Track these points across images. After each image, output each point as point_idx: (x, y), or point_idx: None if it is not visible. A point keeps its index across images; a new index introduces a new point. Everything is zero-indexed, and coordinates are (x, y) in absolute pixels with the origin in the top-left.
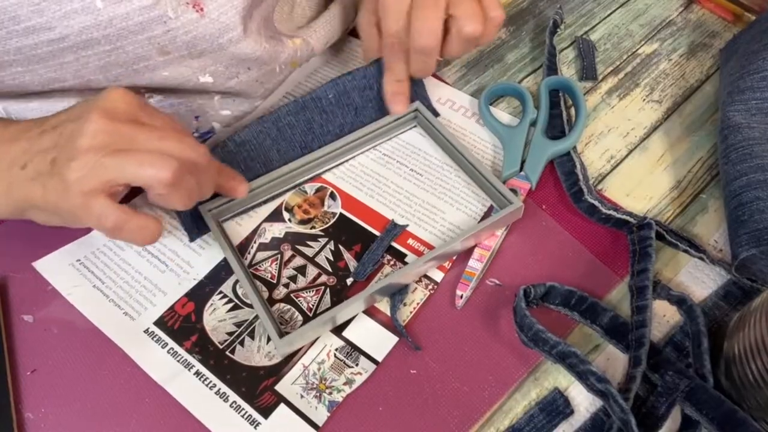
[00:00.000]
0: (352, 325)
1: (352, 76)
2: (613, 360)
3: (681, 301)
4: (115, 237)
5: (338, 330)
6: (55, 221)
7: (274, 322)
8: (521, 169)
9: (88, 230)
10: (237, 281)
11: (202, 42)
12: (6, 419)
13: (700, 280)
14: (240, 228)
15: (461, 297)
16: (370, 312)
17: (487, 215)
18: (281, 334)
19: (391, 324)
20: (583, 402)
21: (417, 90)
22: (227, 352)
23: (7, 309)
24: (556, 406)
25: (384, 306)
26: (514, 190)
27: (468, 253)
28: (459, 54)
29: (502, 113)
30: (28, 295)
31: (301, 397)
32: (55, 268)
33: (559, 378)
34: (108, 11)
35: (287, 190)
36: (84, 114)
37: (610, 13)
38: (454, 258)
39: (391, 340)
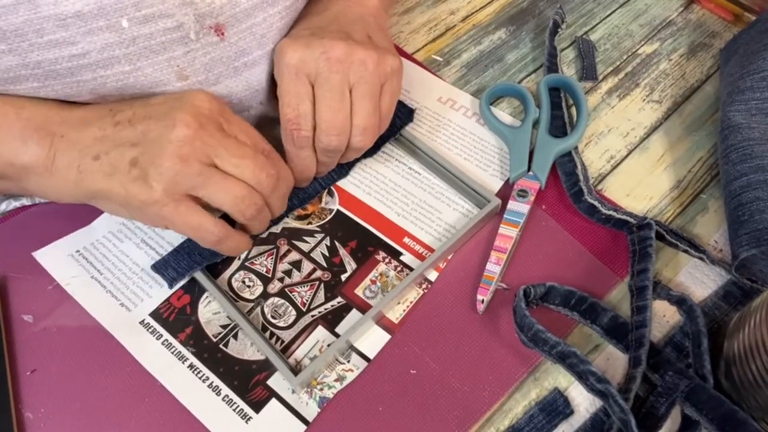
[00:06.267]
0: (345, 321)
1: None
2: (613, 360)
3: (681, 301)
4: (208, 246)
5: (331, 326)
6: (128, 216)
7: (285, 362)
8: (529, 168)
9: (88, 222)
10: (232, 275)
11: (219, 64)
12: (6, 419)
13: (700, 280)
14: None
15: (482, 302)
16: (363, 309)
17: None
18: (295, 372)
19: (383, 322)
20: (583, 402)
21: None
22: (221, 345)
23: (7, 309)
24: (556, 406)
25: (377, 304)
26: (524, 191)
27: (474, 254)
28: (322, 172)
29: (504, 114)
30: (28, 295)
31: (293, 392)
32: (54, 258)
33: (559, 378)
34: (132, 30)
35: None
36: (168, 116)
37: (610, 13)
38: (449, 257)
39: (384, 337)
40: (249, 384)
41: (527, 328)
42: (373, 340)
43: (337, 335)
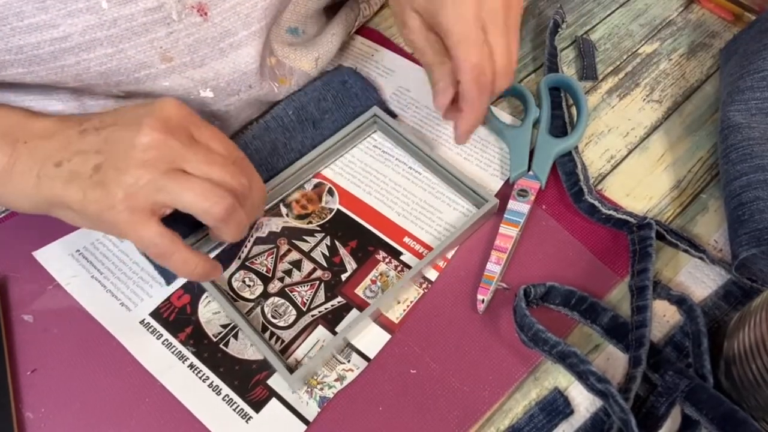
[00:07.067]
0: (346, 321)
1: (304, 91)
2: (613, 360)
3: (681, 301)
4: (158, 262)
5: (331, 325)
6: (85, 225)
7: (282, 361)
8: (529, 168)
9: None
10: (232, 274)
11: (204, 46)
12: (6, 419)
13: (700, 280)
14: None
15: (482, 301)
16: (364, 308)
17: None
18: (291, 370)
19: (383, 322)
20: (583, 402)
21: (370, 95)
22: (221, 345)
23: (7, 309)
24: (556, 406)
25: (375, 302)
26: (524, 190)
27: (474, 254)
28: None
29: (504, 114)
30: (28, 295)
31: (293, 391)
32: (54, 258)
33: (559, 378)
34: (113, 12)
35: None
36: (135, 123)
37: (610, 13)
38: (449, 257)
39: (384, 337)
40: (249, 384)
41: (527, 327)
42: (373, 339)
43: (337, 335)
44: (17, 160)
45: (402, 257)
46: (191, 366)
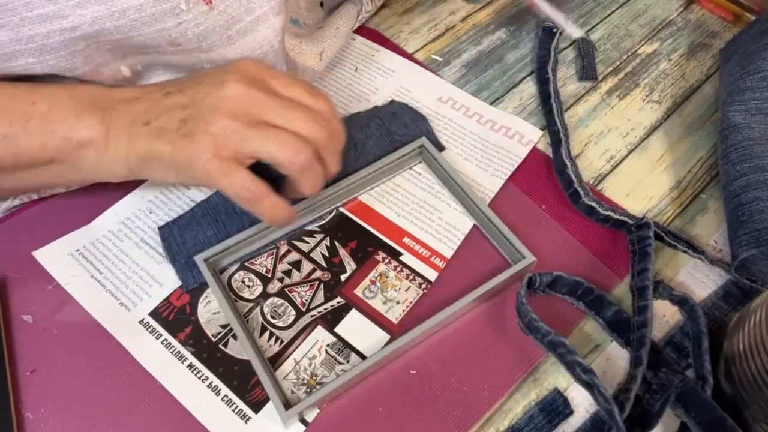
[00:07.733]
0: (345, 321)
1: (348, 119)
2: (613, 360)
3: (683, 301)
4: (246, 207)
5: (330, 326)
6: (178, 178)
7: (280, 392)
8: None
9: (88, 221)
10: (232, 274)
11: (212, 34)
12: (6, 419)
13: (699, 281)
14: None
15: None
16: (363, 309)
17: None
18: (287, 406)
19: (383, 322)
20: (583, 402)
21: (420, 125)
22: (220, 345)
23: (7, 309)
24: (556, 407)
25: (378, 304)
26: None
27: (474, 254)
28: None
29: (505, 113)
30: (28, 295)
31: (292, 392)
32: (54, 257)
33: (558, 378)
34: (122, 2)
35: (291, 233)
36: (218, 80)
37: (610, 13)
38: (449, 257)
39: (383, 338)
40: (248, 384)
41: (523, 314)
42: (372, 340)
43: (336, 335)
44: (110, 126)
45: (401, 258)
46: (190, 366)
